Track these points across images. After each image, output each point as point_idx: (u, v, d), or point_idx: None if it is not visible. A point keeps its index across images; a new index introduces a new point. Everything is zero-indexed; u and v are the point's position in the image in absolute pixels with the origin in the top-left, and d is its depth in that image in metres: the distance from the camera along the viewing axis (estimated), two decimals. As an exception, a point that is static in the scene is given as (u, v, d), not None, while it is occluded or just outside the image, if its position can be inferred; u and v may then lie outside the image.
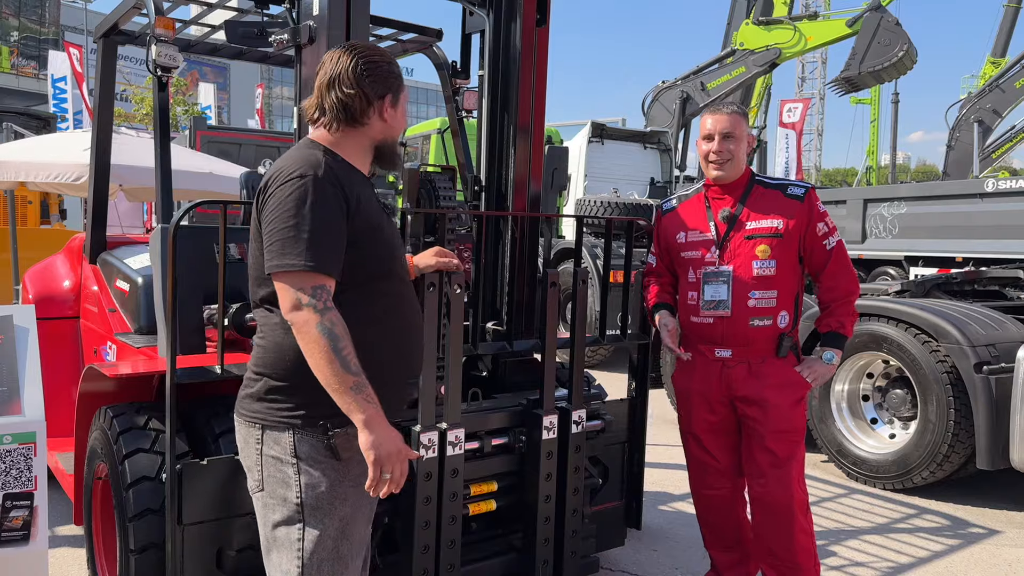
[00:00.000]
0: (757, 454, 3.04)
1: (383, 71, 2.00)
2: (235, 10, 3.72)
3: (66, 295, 4.48)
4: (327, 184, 1.89)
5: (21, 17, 38.12)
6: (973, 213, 9.39)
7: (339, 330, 1.83)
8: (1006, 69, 17.11)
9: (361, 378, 1.83)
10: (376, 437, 1.83)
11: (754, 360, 3.03)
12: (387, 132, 2.05)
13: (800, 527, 3.03)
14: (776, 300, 3.00)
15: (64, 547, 3.72)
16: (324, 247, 1.86)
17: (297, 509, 1.93)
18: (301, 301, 1.83)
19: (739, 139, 3.05)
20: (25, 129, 10.74)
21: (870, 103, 41.22)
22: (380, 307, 2.01)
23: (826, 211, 3.07)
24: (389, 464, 1.85)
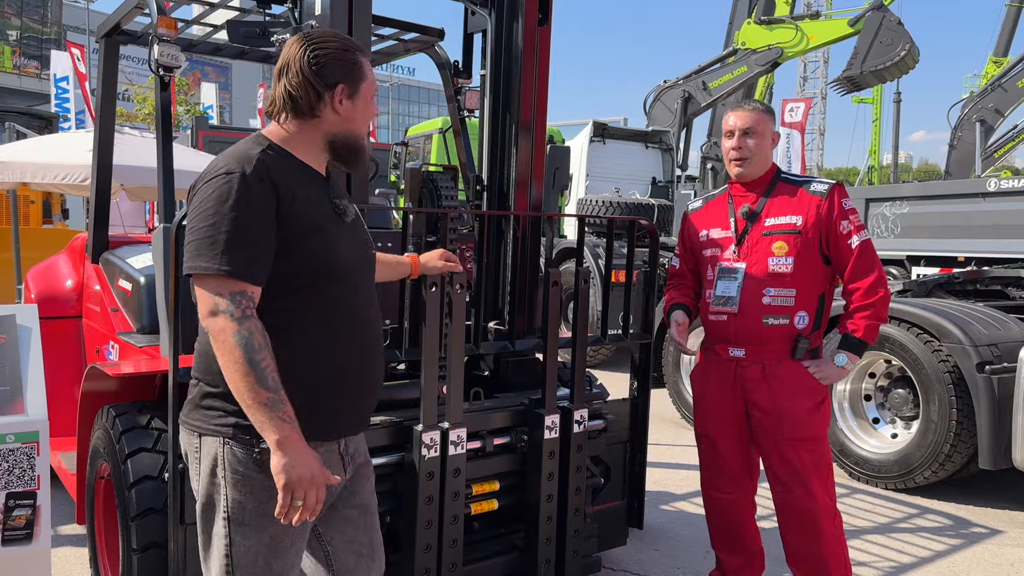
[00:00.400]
0: (776, 463, 2.98)
1: (336, 59, 1.84)
2: (237, 10, 3.73)
3: (68, 295, 4.48)
4: (255, 182, 1.74)
5: (23, 17, 38.15)
6: (975, 213, 9.37)
7: (257, 340, 1.69)
8: (1008, 68, 17.09)
9: (277, 395, 1.69)
10: (289, 460, 1.67)
11: (768, 361, 2.96)
12: (342, 126, 1.88)
13: (829, 534, 2.95)
14: (794, 299, 2.92)
15: (67, 546, 3.73)
16: (244, 250, 1.71)
17: (225, 523, 1.83)
18: (218, 307, 1.70)
19: (761, 135, 3.00)
20: (27, 129, 10.74)
21: (872, 102, 41.17)
22: (322, 315, 1.85)
23: (853, 208, 2.96)
24: (301, 489, 1.69)
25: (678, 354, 6.50)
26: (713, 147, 18.93)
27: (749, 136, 3.01)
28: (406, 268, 2.53)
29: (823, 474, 2.97)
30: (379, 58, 4.30)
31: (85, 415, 3.14)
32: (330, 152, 1.92)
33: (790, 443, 2.93)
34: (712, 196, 3.25)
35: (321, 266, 1.83)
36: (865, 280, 2.91)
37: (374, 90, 1.93)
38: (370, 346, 1.98)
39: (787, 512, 3.00)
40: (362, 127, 1.93)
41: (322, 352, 1.85)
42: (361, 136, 1.94)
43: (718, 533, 3.24)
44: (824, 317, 3.01)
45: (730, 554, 3.22)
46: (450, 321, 2.63)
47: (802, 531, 2.97)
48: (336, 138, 1.90)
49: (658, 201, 9.91)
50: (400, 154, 12.67)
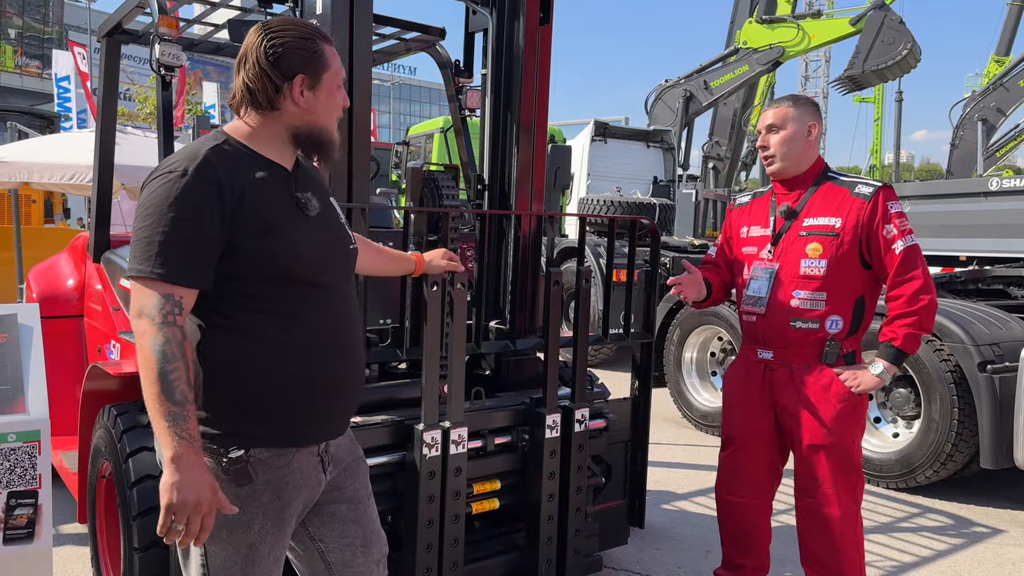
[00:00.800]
0: (800, 466, 2.92)
1: (294, 48, 1.75)
2: (238, 9, 3.73)
3: (70, 294, 4.49)
4: (199, 181, 1.66)
5: (25, 16, 38.18)
6: (977, 212, 9.35)
7: (173, 349, 1.61)
8: (1010, 68, 17.07)
9: (183, 409, 1.60)
10: (179, 480, 1.58)
11: (796, 365, 2.88)
12: (304, 118, 1.80)
13: (849, 540, 2.88)
14: (825, 303, 2.82)
15: (68, 545, 3.73)
16: (180, 253, 1.64)
17: None
18: (143, 310, 1.64)
19: (787, 130, 2.89)
20: (29, 128, 10.76)
21: (874, 102, 41.13)
22: (288, 316, 1.77)
23: (900, 212, 2.82)
24: (183, 513, 1.59)
25: (679, 353, 6.49)
26: (715, 146, 18.94)
27: (773, 132, 2.92)
28: (411, 265, 2.51)
29: (851, 481, 2.88)
30: (380, 57, 4.30)
31: (86, 414, 3.14)
32: (295, 145, 1.84)
33: (816, 450, 2.85)
34: (760, 193, 3.17)
35: (279, 265, 1.74)
36: (908, 287, 2.76)
37: (340, 80, 1.85)
38: (344, 346, 1.88)
39: (808, 516, 2.94)
40: (327, 118, 1.84)
41: (289, 354, 1.77)
42: (326, 128, 1.84)
43: (730, 536, 3.16)
44: (864, 322, 2.89)
45: (738, 555, 3.16)
46: (451, 320, 2.63)
47: (822, 536, 2.91)
48: (300, 131, 1.82)
49: (659, 200, 9.91)
50: (401, 153, 12.68)
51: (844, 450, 2.86)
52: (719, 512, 3.18)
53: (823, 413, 2.84)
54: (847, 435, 2.86)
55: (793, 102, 2.96)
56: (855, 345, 2.92)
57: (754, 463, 3.04)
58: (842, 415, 2.84)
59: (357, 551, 1.99)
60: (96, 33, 4.28)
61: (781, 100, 2.99)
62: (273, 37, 1.76)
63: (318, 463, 1.89)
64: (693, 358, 6.51)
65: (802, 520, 2.98)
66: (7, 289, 6.87)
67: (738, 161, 19.88)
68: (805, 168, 2.96)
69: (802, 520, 2.98)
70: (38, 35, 38.40)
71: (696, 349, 6.49)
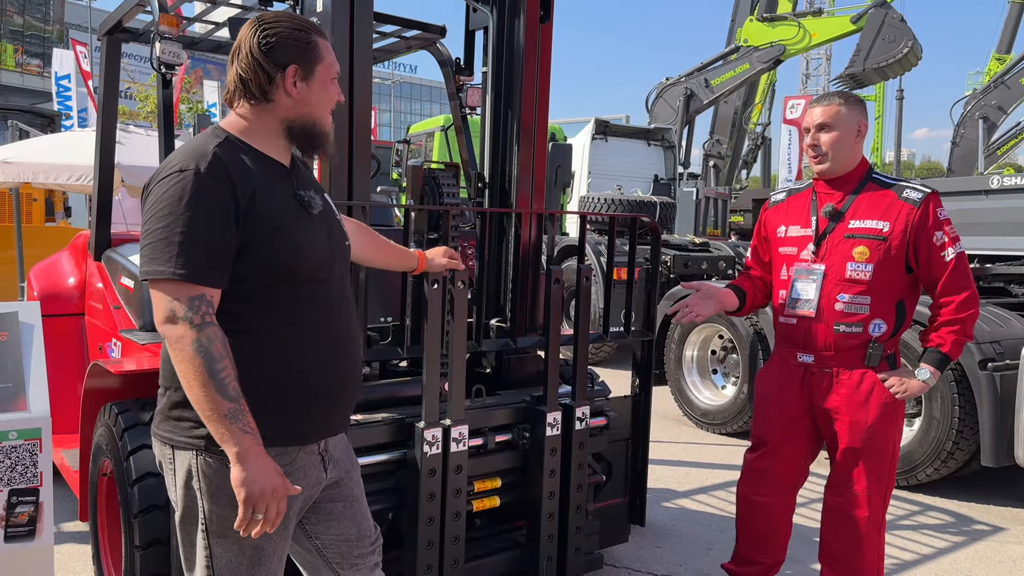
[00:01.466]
0: (836, 467, 2.90)
1: (287, 39, 1.76)
2: (239, 7, 3.73)
3: (71, 292, 4.49)
4: (210, 180, 1.66)
5: (26, 15, 38.19)
6: (978, 210, 9.34)
7: (217, 349, 1.61)
8: (1011, 65, 17.06)
9: (238, 404, 1.62)
10: (249, 473, 1.62)
11: (839, 368, 2.84)
12: (298, 110, 1.80)
13: (871, 542, 2.86)
14: (869, 307, 2.78)
15: (70, 543, 3.74)
16: (201, 253, 1.63)
17: (204, 535, 1.78)
18: (175, 314, 1.61)
19: (839, 129, 2.83)
20: (30, 127, 10.76)
21: (874, 99, 41.07)
22: (293, 314, 1.78)
23: (948, 219, 2.80)
24: (262, 503, 1.64)
25: (680, 351, 6.49)
26: (715, 144, 18.94)
27: (824, 131, 2.85)
28: (413, 261, 2.50)
29: (883, 486, 2.86)
30: (381, 55, 4.30)
31: (87, 412, 3.14)
32: (289, 138, 1.83)
33: (854, 452, 2.82)
34: (796, 190, 3.09)
35: (286, 264, 1.75)
36: (959, 296, 2.75)
37: (333, 73, 1.85)
38: (345, 344, 1.90)
39: (835, 514, 2.91)
40: (320, 111, 1.84)
41: (295, 353, 1.79)
42: (320, 121, 1.84)
43: (749, 534, 3.13)
44: (904, 324, 2.86)
45: (757, 553, 3.12)
46: (452, 318, 2.63)
47: (846, 537, 2.89)
48: (293, 123, 1.81)
49: (660, 198, 9.91)
50: (402, 152, 12.68)
51: (882, 454, 2.84)
52: (740, 511, 3.14)
53: (864, 417, 2.80)
54: (887, 439, 2.84)
55: (844, 100, 2.88)
56: (894, 347, 2.89)
57: (784, 465, 3.01)
58: (882, 419, 2.81)
59: (352, 544, 2.01)
60: (97, 31, 4.28)
61: (831, 97, 2.91)
62: (267, 28, 1.76)
63: (319, 461, 1.90)
64: (694, 356, 6.51)
65: (828, 517, 2.95)
66: (8, 287, 6.88)
67: (739, 159, 19.90)
68: (851, 168, 2.90)
69: (828, 517, 2.95)
70: (39, 33, 38.41)
71: (697, 347, 6.49)
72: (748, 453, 3.13)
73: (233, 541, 1.77)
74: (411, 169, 3.15)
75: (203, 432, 1.71)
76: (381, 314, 3.00)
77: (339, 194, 2.73)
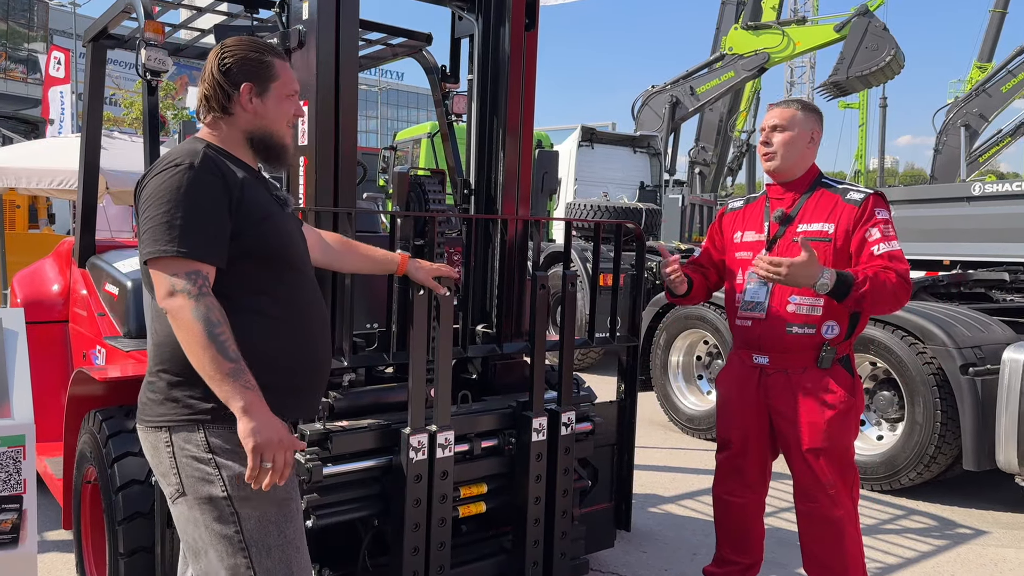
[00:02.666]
0: (800, 472, 2.93)
1: (242, 60, 1.98)
2: (224, 14, 3.73)
3: (55, 299, 4.47)
4: (204, 172, 1.85)
5: (9, 20, 37.93)
6: (960, 216, 9.44)
7: (215, 315, 1.76)
8: (992, 74, 17.29)
9: (239, 364, 1.75)
10: (256, 424, 1.74)
11: (792, 369, 2.89)
12: (255, 123, 2.00)
13: (851, 539, 2.91)
14: (821, 309, 2.83)
15: (53, 552, 3.71)
16: (199, 233, 1.80)
17: (227, 503, 1.85)
18: (175, 287, 1.77)
19: (791, 131, 2.90)
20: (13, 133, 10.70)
21: (858, 107, 41.44)
22: (280, 297, 1.96)
23: (887, 219, 2.82)
24: (270, 452, 1.75)
25: (666, 357, 6.52)
26: (701, 151, 19.05)
27: (778, 131, 2.93)
28: (393, 266, 2.56)
29: (848, 481, 2.91)
30: (367, 62, 4.31)
31: (71, 420, 3.13)
32: (252, 149, 2.03)
33: (814, 453, 2.87)
34: (753, 198, 3.18)
35: (276, 249, 1.95)
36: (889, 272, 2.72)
37: (290, 91, 2.04)
38: (322, 330, 2.08)
39: (811, 520, 2.95)
40: (276, 124, 2.03)
41: (282, 333, 1.94)
42: (276, 133, 2.04)
43: (727, 534, 3.19)
44: (859, 327, 2.91)
45: (735, 553, 3.18)
46: (438, 324, 2.64)
47: (825, 539, 2.92)
48: (253, 135, 2.01)
49: (646, 205, 9.95)
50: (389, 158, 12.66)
51: (841, 452, 2.88)
52: (716, 511, 3.21)
53: (819, 417, 2.85)
54: (843, 438, 2.88)
55: (801, 106, 2.97)
56: (848, 350, 2.94)
57: (751, 464, 3.07)
58: (837, 418, 2.86)
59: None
60: (82, 38, 4.27)
61: (790, 102, 3.00)
62: (226, 52, 1.99)
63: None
64: (679, 362, 6.53)
65: (804, 525, 2.98)
66: (-9, 295, 6.82)
67: (724, 166, 20.02)
68: (801, 173, 2.97)
69: (804, 525, 2.98)
70: (23, 39, 38.14)
71: (682, 353, 6.52)
72: (717, 454, 3.20)
73: (258, 499, 1.86)
74: (397, 175, 3.15)
75: (207, 406, 1.85)
76: (367, 320, 3.00)
77: (325, 200, 2.74)
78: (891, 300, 2.77)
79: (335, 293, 2.72)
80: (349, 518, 2.65)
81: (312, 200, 2.71)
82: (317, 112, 2.68)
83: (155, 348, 1.93)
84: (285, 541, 1.89)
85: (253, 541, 1.86)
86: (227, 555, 1.85)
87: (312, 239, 2.31)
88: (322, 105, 2.69)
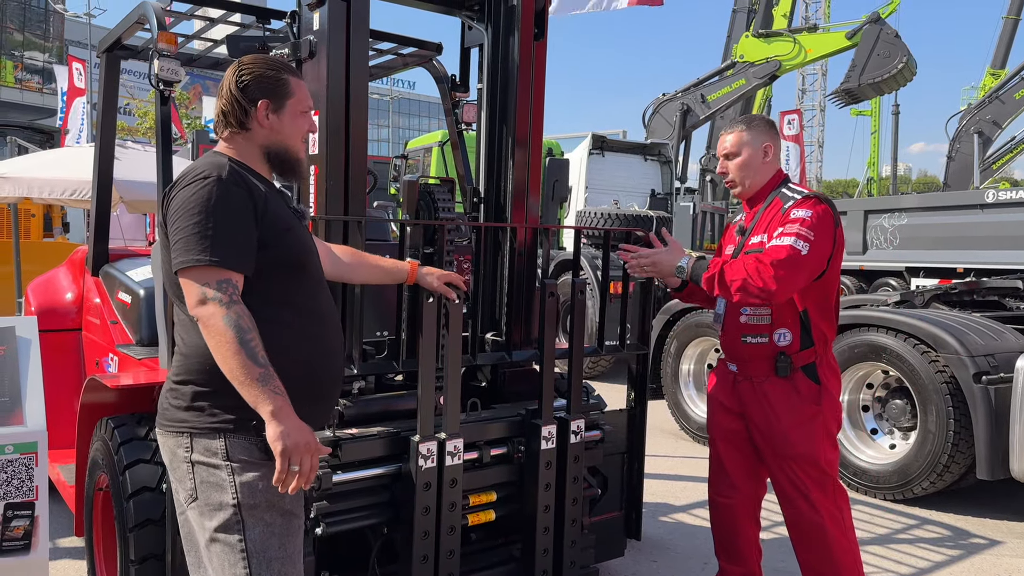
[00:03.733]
0: (777, 478, 2.96)
1: (259, 78, 2.03)
2: (237, 25, 3.76)
3: (68, 307, 4.50)
4: (231, 184, 1.90)
5: (25, 32, 38.35)
6: (974, 224, 9.40)
7: (246, 322, 1.81)
8: (1005, 80, 17.19)
9: (268, 369, 1.80)
10: (285, 428, 1.78)
11: (756, 377, 2.95)
12: (271, 138, 2.05)
13: (840, 547, 2.89)
14: (770, 318, 2.89)
15: (65, 559, 3.73)
16: (229, 243, 1.85)
17: (235, 511, 1.88)
18: (206, 296, 1.81)
19: (743, 155, 2.97)
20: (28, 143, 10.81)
21: (870, 115, 41.31)
22: (297, 309, 2.00)
23: (804, 219, 2.73)
24: (297, 455, 1.79)
25: (677, 365, 6.50)
26: (712, 159, 18.97)
27: (730, 158, 3.02)
28: (403, 275, 2.58)
29: (827, 487, 2.91)
30: (378, 72, 4.33)
31: (84, 427, 3.15)
32: (267, 163, 2.08)
33: (783, 460, 2.91)
34: None
35: (297, 261, 2.01)
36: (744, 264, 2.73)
37: (305, 107, 2.10)
38: (338, 340, 2.14)
39: (795, 527, 2.96)
40: (292, 140, 2.09)
41: (303, 343, 1.99)
42: (291, 148, 2.09)
43: (718, 539, 3.21)
44: (814, 333, 2.91)
45: (728, 562, 3.18)
46: (447, 332, 2.64)
47: (811, 545, 2.93)
48: (270, 150, 2.07)
49: (657, 213, 9.94)
50: (399, 167, 12.72)
51: (811, 459, 2.87)
52: (710, 514, 3.23)
53: (785, 426, 2.88)
54: (810, 446, 2.87)
55: (747, 125, 3.02)
56: (812, 358, 2.91)
57: (734, 463, 3.10)
58: (802, 426, 2.87)
59: None
60: (96, 48, 4.31)
61: (735, 124, 3.04)
62: (243, 70, 2.04)
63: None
64: (690, 370, 6.52)
65: (792, 533, 3.01)
66: (6, 303, 6.89)
67: (736, 174, 19.93)
68: (761, 185, 3.02)
69: (792, 533, 3.01)
70: (39, 50, 38.55)
71: (693, 361, 6.50)
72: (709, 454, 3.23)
73: (265, 509, 1.90)
74: (406, 184, 3.17)
75: (230, 417, 1.90)
76: (377, 328, 3.01)
77: (335, 209, 2.75)
78: (738, 283, 2.71)
79: (345, 301, 2.73)
80: (359, 526, 2.65)
81: (322, 209, 2.73)
82: (328, 121, 2.70)
83: (182, 358, 1.97)
84: (285, 555, 1.92)
85: (255, 551, 1.88)
86: (228, 564, 1.88)
87: (321, 251, 2.34)
88: (333, 114, 2.71)
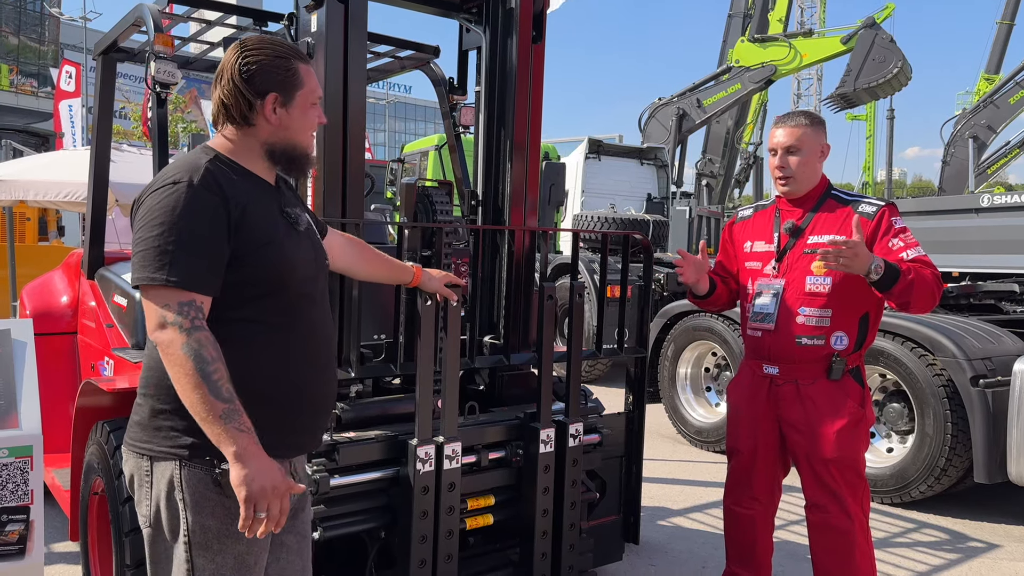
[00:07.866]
0: (810, 483, 2.92)
1: (267, 67, 1.80)
2: (234, 27, 3.75)
3: (64, 310, 4.48)
4: (203, 191, 1.69)
5: (21, 35, 38.29)
6: (969, 228, 9.39)
7: (208, 352, 1.62)
8: (1000, 85, 17.26)
9: (233, 405, 1.62)
10: (249, 471, 1.60)
11: (803, 380, 2.89)
12: (277, 134, 1.84)
13: (861, 551, 2.89)
14: (830, 320, 2.84)
15: (60, 563, 3.71)
16: (193, 260, 1.66)
17: (186, 548, 1.75)
18: (165, 320, 1.63)
19: (805, 151, 2.90)
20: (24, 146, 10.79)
21: (866, 119, 41.44)
22: (279, 328, 1.81)
23: (905, 228, 2.82)
24: (264, 501, 1.62)
25: (674, 368, 6.49)
26: (708, 163, 19.03)
27: (792, 154, 2.91)
28: (408, 275, 2.53)
29: (859, 494, 2.90)
30: (376, 75, 4.33)
31: (79, 431, 3.13)
32: (270, 160, 1.87)
33: (823, 463, 2.86)
34: (762, 206, 3.18)
35: (275, 278, 1.79)
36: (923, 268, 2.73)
37: (314, 98, 1.89)
38: (327, 362, 1.95)
39: (822, 531, 2.93)
40: (301, 135, 1.88)
41: (279, 366, 1.80)
42: (300, 144, 1.89)
43: (734, 546, 3.18)
44: (868, 338, 2.91)
45: (742, 567, 3.16)
46: (445, 335, 2.63)
47: (836, 550, 2.90)
48: (274, 146, 1.86)
49: (653, 217, 9.94)
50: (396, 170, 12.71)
51: (852, 463, 2.87)
52: (725, 522, 3.19)
53: (829, 428, 2.84)
54: (852, 448, 2.87)
55: (809, 121, 2.93)
56: (859, 361, 2.93)
57: (759, 475, 3.05)
58: (847, 429, 2.85)
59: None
60: (92, 51, 4.30)
61: (796, 118, 2.94)
62: (248, 55, 1.80)
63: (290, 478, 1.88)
64: (688, 373, 6.51)
65: (815, 536, 2.97)
66: (1, 306, 6.86)
67: (731, 178, 19.99)
68: (813, 186, 2.97)
69: (815, 536, 2.97)
70: (34, 54, 38.49)
71: (691, 364, 6.50)
72: (728, 463, 3.18)
73: (216, 552, 1.75)
74: (405, 187, 3.16)
75: (186, 441, 1.73)
76: (374, 331, 3.00)
77: (333, 212, 2.75)
78: (928, 296, 2.74)
79: (342, 304, 2.72)
80: (356, 530, 2.64)
81: (320, 211, 2.72)
82: (326, 124, 2.69)
83: (146, 370, 1.83)
84: None
85: None
86: None
87: (336, 242, 2.23)
88: (330, 117, 2.70)
